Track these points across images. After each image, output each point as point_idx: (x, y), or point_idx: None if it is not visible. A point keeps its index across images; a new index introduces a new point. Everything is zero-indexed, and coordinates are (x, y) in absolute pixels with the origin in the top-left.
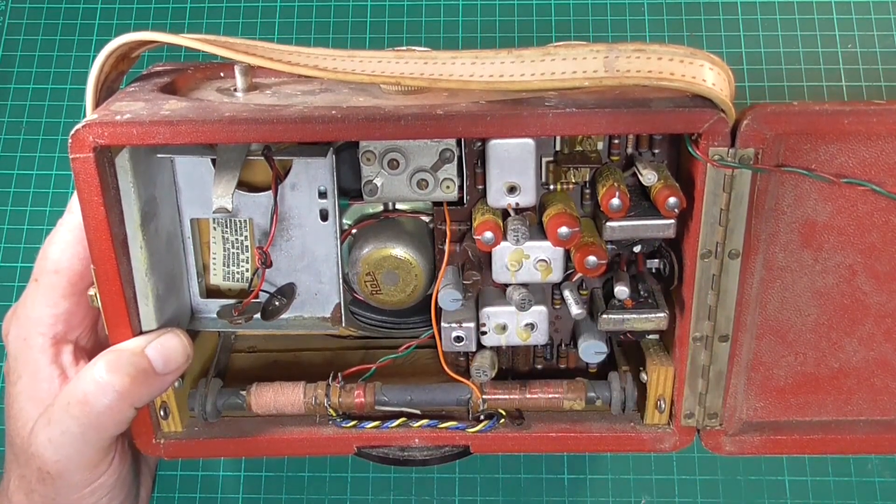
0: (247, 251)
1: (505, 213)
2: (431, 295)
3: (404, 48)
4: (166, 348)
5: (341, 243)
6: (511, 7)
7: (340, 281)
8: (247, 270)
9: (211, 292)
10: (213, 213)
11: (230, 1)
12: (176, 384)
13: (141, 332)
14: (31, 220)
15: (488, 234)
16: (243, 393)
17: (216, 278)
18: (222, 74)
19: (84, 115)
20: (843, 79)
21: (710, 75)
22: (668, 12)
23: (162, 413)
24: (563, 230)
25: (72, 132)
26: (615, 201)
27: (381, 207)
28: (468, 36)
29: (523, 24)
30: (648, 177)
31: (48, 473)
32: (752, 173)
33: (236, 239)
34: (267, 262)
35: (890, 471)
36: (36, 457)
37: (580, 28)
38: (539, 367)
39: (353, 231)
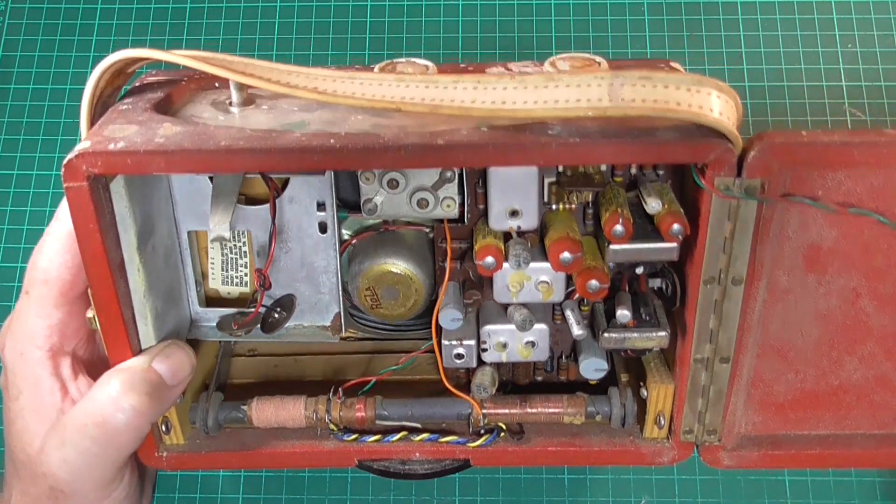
0: (245, 256)
1: (506, 235)
2: (433, 301)
3: (403, 59)
4: (172, 361)
5: (341, 254)
6: (511, 7)
7: (340, 291)
8: (245, 275)
9: (210, 297)
10: (211, 241)
11: (230, 2)
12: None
13: (140, 351)
14: (30, 220)
15: (489, 259)
16: (244, 407)
17: (215, 282)
18: (217, 85)
19: (79, 131)
20: (843, 79)
21: (716, 104)
22: (668, 12)
23: (164, 428)
24: (566, 256)
25: (65, 161)
26: (618, 228)
27: (380, 219)
28: (468, 36)
29: (523, 25)
30: (653, 205)
31: (62, 492)
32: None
33: (234, 244)
34: (266, 285)
35: (890, 471)
36: (48, 476)
37: (580, 28)
38: (539, 378)
39: (353, 242)
